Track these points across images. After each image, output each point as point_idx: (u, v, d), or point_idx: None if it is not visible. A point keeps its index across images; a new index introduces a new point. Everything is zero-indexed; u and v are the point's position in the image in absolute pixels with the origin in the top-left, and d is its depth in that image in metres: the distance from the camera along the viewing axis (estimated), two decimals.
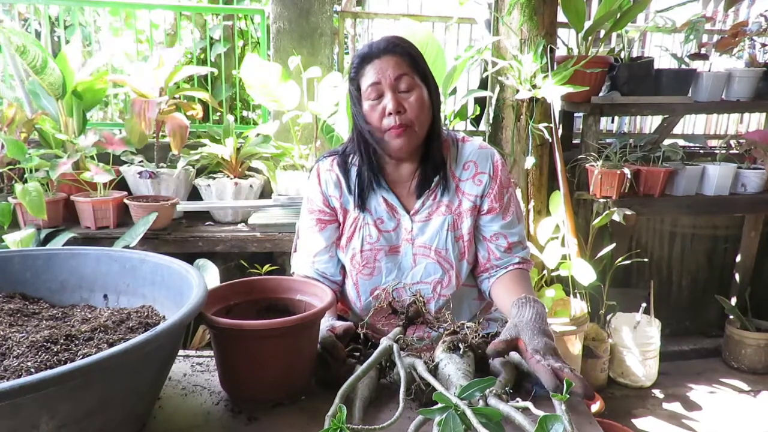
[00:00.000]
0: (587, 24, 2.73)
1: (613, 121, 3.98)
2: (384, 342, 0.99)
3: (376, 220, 1.33)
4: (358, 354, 1.11)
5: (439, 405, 0.75)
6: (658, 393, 2.92)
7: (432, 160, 1.30)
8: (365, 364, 0.94)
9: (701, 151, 3.53)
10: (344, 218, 1.36)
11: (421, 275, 1.33)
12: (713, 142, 3.90)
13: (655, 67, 2.90)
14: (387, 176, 1.34)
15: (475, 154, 1.33)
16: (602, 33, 2.92)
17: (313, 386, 1.02)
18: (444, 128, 1.37)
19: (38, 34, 3.08)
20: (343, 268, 1.41)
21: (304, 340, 0.98)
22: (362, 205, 1.32)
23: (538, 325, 1.01)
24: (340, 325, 1.12)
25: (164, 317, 0.98)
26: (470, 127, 3.27)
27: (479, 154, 1.33)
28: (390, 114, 1.20)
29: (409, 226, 1.33)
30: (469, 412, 0.73)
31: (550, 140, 2.65)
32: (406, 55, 1.23)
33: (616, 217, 2.61)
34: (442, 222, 1.32)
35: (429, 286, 1.34)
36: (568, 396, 0.74)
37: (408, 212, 1.33)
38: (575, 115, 3.22)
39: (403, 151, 1.26)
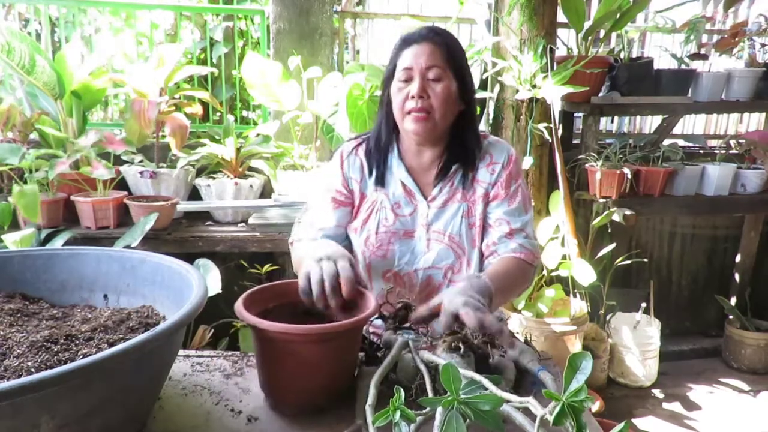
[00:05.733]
0: (587, 24, 2.73)
1: (613, 121, 3.98)
2: (399, 339, 1.01)
3: (393, 204, 1.36)
4: (362, 354, 1.11)
5: (442, 398, 0.74)
6: (658, 393, 2.92)
7: (462, 151, 1.34)
8: (386, 360, 0.95)
9: (701, 151, 3.53)
10: (360, 201, 1.39)
11: (434, 260, 1.34)
12: (713, 142, 3.90)
13: (655, 67, 2.90)
14: (408, 162, 1.37)
15: (492, 147, 1.38)
16: (602, 33, 2.92)
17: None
18: None
19: (38, 35, 3.08)
20: (345, 248, 1.41)
21: (350, 344, 0.99)
22: (381, 180, 1.36)
23: (462, 290, 1.04)
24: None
25: (164, 317, 0.98)
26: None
27: (496, 146, 1.38)
28: (413, 97, 1.24)
29: (425, 212, 1.35)
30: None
31: (550, 140, 2.65)
32: (443, 46, 1.27)
33: (616, 217, 2.61)
34: (457, 209, 1.34)
35: (440, 271, 1.35)
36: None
37: (426, 198, 1.35)
38: (575, 115, 3.22)
39: (419, 136, 1.29)
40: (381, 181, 1.36)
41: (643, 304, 2.97)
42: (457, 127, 1.33)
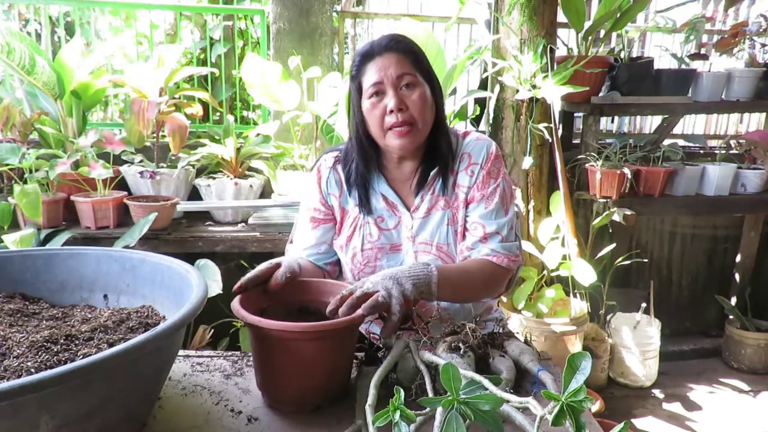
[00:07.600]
0: (587, 24, 2.73)
1: (613, 121, 3.98)
2: (400, 340, 1.01)
3: (376, 218, 1.32)
4: (362, 354, 1.11)
5: (442, 398, 0.74)
6: (658, 393, 2.92)
7: (438, 157, 1.29)
8: (386, 360, 0.96)
9: (701, 151, 3.53)
10: (342, 217, 1.36)
11: None
12: (713, 142, 3.90)
13: (655, 67, 2.90)
14: (388, 174, 1.33)
15: (471, 146, 1.32)
16: (602, 33, 2.92)
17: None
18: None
19: (38, 35, 3.08)
20: (335, 263, 1.40)
21: (347, 342, 0.99)
22: (366, 205, 1.31)
23: (392, 274, 1.05)
24: (283, 273, 1.08)
25: (164, 317, 0.98)
26: (470, 128, 3.27)
27: (475, 146, 1.32)
28: (392, 111, 1.19)
29: (409, 224, 1.32)
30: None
31: (550, 140, 2.65)
32: (408, 53, 1.22)
33: (616, 217, 2.61)
34: (441, 217, 1.31)
35: None
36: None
37: (408, 209, 1.32)
38: (575, 115, 3.22)
39: (405, 150, 1.25)
40: (367, 205, 1.31)
41: (643, 304, 2.97)
42: (431, 133, 1.28)
